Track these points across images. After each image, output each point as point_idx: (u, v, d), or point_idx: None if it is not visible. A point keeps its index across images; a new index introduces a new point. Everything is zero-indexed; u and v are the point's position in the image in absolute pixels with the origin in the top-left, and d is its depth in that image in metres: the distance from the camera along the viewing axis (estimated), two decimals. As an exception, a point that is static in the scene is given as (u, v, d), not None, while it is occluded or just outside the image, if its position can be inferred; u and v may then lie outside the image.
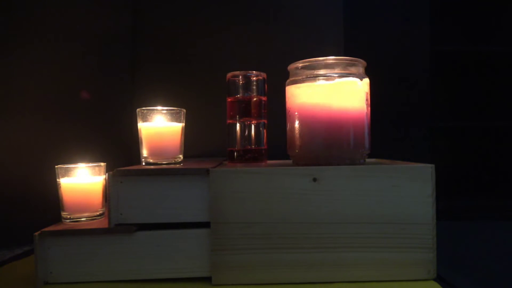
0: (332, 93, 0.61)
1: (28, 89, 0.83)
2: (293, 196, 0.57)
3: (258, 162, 0.70)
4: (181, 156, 0.68)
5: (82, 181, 0.65)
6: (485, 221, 1.14)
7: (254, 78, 0.69)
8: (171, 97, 0.86)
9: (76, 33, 0.88)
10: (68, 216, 0.64)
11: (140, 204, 0.58)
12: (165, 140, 0.66)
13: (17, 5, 0.82)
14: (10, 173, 0.81)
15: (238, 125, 0.69)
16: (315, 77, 0.62)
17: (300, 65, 0.64)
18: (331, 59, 0.62)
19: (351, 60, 0.63)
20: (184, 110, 0.69)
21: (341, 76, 0.61)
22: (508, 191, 1.39)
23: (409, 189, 0.57)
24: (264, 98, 0.70)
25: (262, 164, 0.68)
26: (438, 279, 0.58)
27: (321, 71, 0.62)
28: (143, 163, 0.66)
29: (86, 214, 0.64)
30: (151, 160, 0.65)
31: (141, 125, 0.66)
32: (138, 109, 0.66)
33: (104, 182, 0.67)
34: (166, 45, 0.97)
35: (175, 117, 0.67)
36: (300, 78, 0.63)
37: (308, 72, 0.63)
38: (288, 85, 0.66)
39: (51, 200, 0.69)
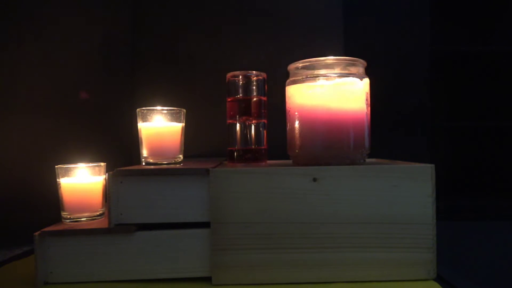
0: (332, 93, 0.61)
1: (28, 89, 0.83)
2: (293, 196, 0.57)
3: (258, 162, 0.70)
4: (181, 156, 0.68)
5: (82, 181, 0.65)
6: (485, 221, 1.14)
7: (254, 78, 0.69)
8: (171, 97, 0.86)
9: (76, 33, 0.88)
10: (68, 216, 0.64)
11: (140, 204, 0.58)
12: (165, 140, 0.66)
13: (17, 5, 0.82)
14: (10, 173, 0.81)
15: (238, 125, 0.69)
16: (315, 77, 0.62)
17: (300, 65, 0.64)
18: (331, 59, 0.62)
19: (351, 60, 0.62)
20: (184, 110, 0.69)
21: (341, 76, 0.61)
22: (508, 191, 1.39)
23: (409, 189, 0.57)
24: (264, 98, 0.70)
25: (262, 164, 0.68)
26: (438, 279, 0.58)
27: (321, 71, 0.62)
28: (143, 163, 0.66)
29: (86, 214, 0.64)
30: (151, 160, 0.65)
31: (141, 125, 0.66)
32: (138, 109, 0.66)
33: (104, 182, 0.67)
34: (166, 45, 0.97)
35: (175, 117, 0.67)
36: (300, 78, 0.63)
37: (308, 72, 0.63)
38: (288, 85, 0.66)
39: (51, 200, 0.69)
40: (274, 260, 0.57)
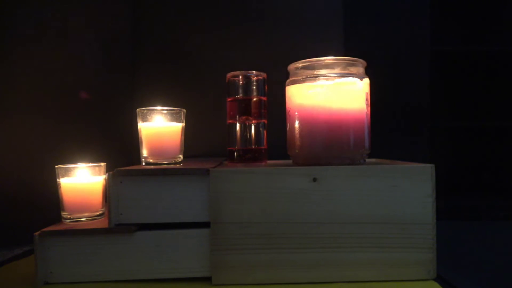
0: (332, 93, 0.61)
1: (28, 89, 0.83)
2: (293, 196, 0.57)
3: (258, 162, 0.70)
4: (181, 156, 0.68)
5: (82, 181, 0.65)
6: (485, 221, 1.14)
7: (254, 78, 0.69)
8: (171, 97, 0.86)
9: (76, 33, 0.88)
10: (68, 216, 0.64)
11: (140, 204, 0.58)
12: (165, 140, 0.66)
13: (16, 5, 0.82)
14: (10, 173, 0.81)
15: (238, 125, 0.69)
16: (315, 77, 0.62)
17: (300, 65, 0.64)
18: (331, 59, 0.62)
19: (351, 60, 0.62)
20: (184, 110, 0.69)
21: (341, 76, 0.61)
22: (508, 191, 1.39)
23: (409, 189, 0.57)
24: (264, 98, 0.70)
25: (262, 164, 0.68)
26: (438, 279, 0.58)
27: (321, 71, 0.62)
28: (143, 163, 0.66)
29: (86, 214, 0.64)
30: (151, 160, 0.65)
31: (141, 125, 0.66)
32: (138, 109, 0.66)
33: (104, 182, 0.67)
34: (166, 45, 0.97)
35: (175, 117, 0.67)
36: (300, 78, 0.63)
37: (308, 72, 0.63)
38: (288, 85, 0.66)
39: (51, 200, 0.69)
40: (274, 260, 0.57)
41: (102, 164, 0.67)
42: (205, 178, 0.58)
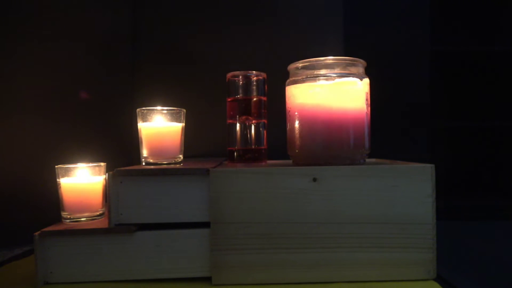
0: (332, 93, 0.61)
1: (28, 89, 0.83)
2: (293, 196, 0.57)
3: (258, 162, 0.70)
4: (181, 156, 0.68)
5: (82, 181, 0.65)
6: (485, 221, 1.14)
7: (254, 78, 0.69)
8: (171, 97, 0.86)
9: (76, 33, 0.88)
10: (68, 216, 0.64)
11: (140, 204, 0.58)
12: (165, 140, 0.66)
13: (17, 5, 0.82)
14: (10, 173, 0.81)
15: (238, 125, 0.69)
16: (315, 77, 0.62)
17: (300, 65, 0.64)
18: (331, 59, 0.62)
19: (351, 60, 0.62)
20: (184, 110, 0.69)
21: (341, 76, 0.61)
22: (508, 191, 1.39)
23: (409, 189, 0.57)
24: (264, 98, 0.70)
25: (262, 164, 0.68)
26: (438, 279, 0.58)
27: (321, 71, 0.62)
28: (143, 163, 0.66)
29: (86, 214, 0.64)
30: (151, 160, 0.65)
31: (141, 125, 0.66)
32: (138, 109, 0.66)
33: (104, 182, 0.67)
34: (166, 45, 0.97)
35: (175, 117, 0.67)
36: (300, 78, 0.63)
37: (308, 72, 0.63)
38: (288, 85, 0.66)
39: (51, 200, 0.69)
40: (274, 260, 0.57)
41: (102, 164, 0.67)
42: (205, 178, 0.58)
